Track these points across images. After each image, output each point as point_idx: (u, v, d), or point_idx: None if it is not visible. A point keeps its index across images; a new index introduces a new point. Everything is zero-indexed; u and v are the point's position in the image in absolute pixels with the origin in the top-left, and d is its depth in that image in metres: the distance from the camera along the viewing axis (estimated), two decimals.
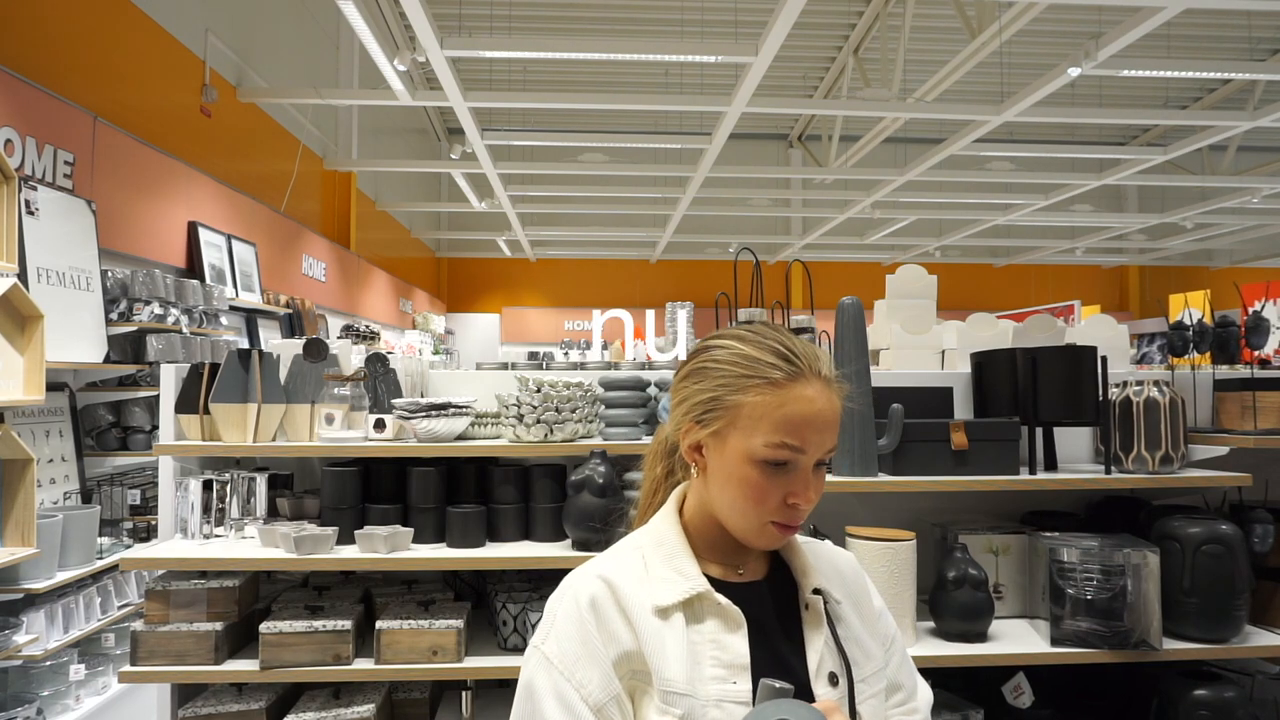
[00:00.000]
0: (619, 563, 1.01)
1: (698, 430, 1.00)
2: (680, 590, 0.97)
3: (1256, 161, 11.15)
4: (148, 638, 2.02)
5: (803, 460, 0.94)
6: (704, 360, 1.01)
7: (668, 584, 0.97)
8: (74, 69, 4.20)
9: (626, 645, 0.94)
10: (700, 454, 1.01)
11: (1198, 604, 2.01)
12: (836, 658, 1.00)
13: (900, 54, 7.84)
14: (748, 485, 0.95)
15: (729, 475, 0.96)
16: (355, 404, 2.32)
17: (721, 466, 0.97)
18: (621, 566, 1.00)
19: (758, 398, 0.94)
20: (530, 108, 11.01)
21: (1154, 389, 2.23)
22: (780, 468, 0.94)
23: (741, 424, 0.95)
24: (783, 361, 0.96)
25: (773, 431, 0.93)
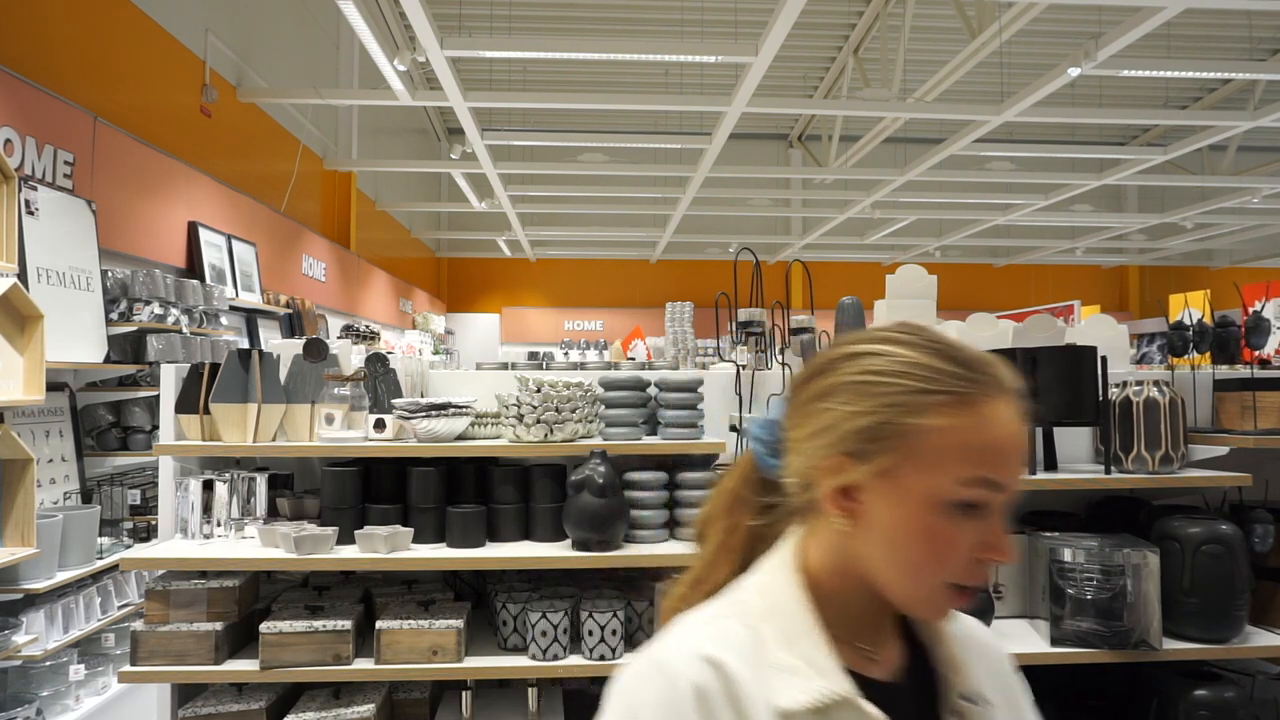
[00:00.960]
0: (726, 640, 0.75)
1: (855, 467, 0.75)
2: (813, 691, 0.72)
3: (1256, 161, 11.14)
4: (148, 638, 2.02)
5: (1000, 501, 0.74)
6: (860, 372, 0.77)
7: (793, 678, 0.73)
8: (74, 69, 4.20)
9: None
10: (853, 499, 0.76)
11: (1198, 604, 2.01)
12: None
13: (900, 54, 7.84)
14: (932, 537, 0.73)
15: (904, 525, 0.73)
16: (355, 404, 2.32)
17: (892, 514, 0.74)
18: (731, 645, 0.74)
19: (945, 421, 0.73)
20: (530, 108, 11.01)
21: (1154, 389, 2.23)
22: (972, 511, 0.73)
23: (926, 456, 0.73)
24: (969, 370, 0.75)
25: (970, 465, 0.72)
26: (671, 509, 2.25)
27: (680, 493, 2.24)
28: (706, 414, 2.37)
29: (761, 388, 2.52)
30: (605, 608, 2.10)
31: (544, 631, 2.06)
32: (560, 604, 2.14)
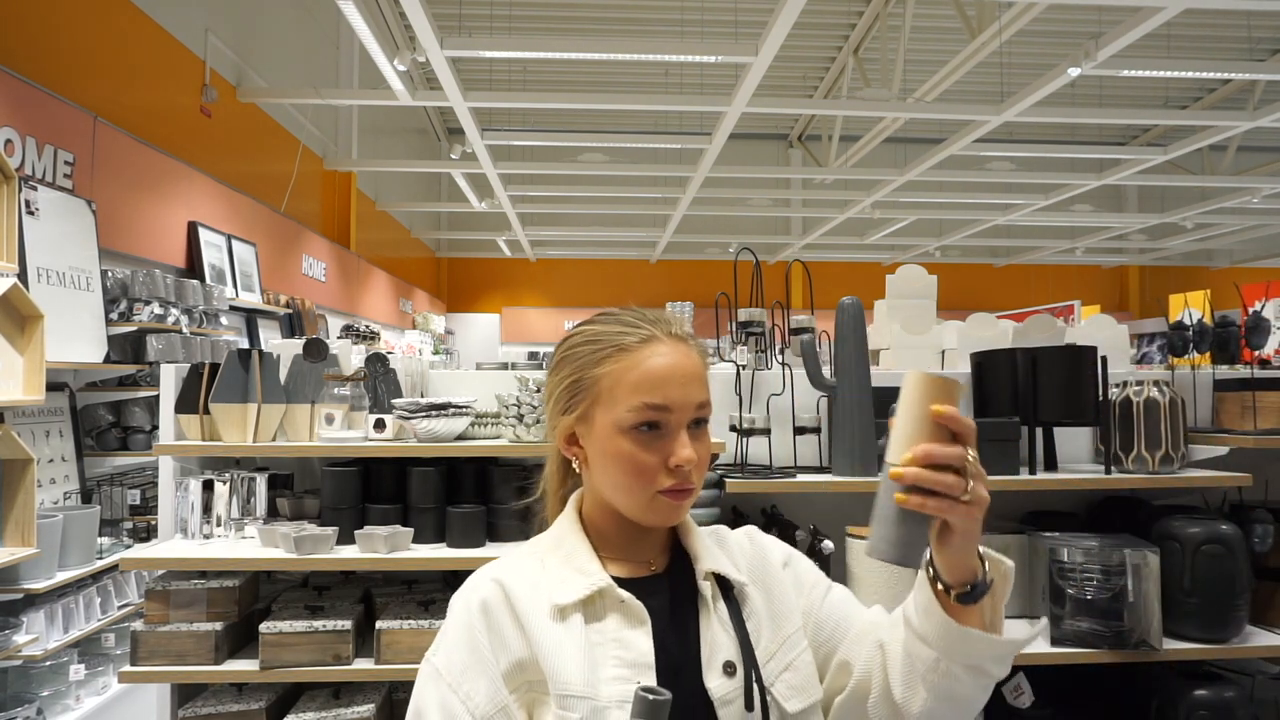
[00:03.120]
0: (513, 567, 0.96)
1: (566, 420, 0.98)
2: (580, 588, 0.92)
3: (1256, 161, 11.15)
4: (148, 638, 2.02)
5: (672, 419, 0.92)
6: (563, 351, 1.00)
7: (566, 583, 0.93)
8: (74, 69, 4.20)
9: (518, 653, 0.89)
10: (577, 445, 0.99)
11: (1198, 604, 2.01)
12: (735, 643, 0.94)
13: (900, 54, 7.84)
14: (624, 459, 0.91)
15: (605, 455, 0.93)
16: (355, 404, 2.32)
17: (597, 449, 0.95)
18: (517, 569, 0.95)
19: (613, 366, 0.93)
20: (530, 108, 11.01)
21: (1154, 389, 2.23)
22: (652, 431, 0.91)
23: (603, 398, 0.94)
24: (631, 328, 0.96)
25: (633, 394, 0.91)
26: None
27: None
28: None
29: (761, 388, 2.52)
30: None
31: None
32: None
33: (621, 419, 0.92)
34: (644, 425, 0.91)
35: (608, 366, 0.94)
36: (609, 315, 1.00)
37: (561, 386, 0.98)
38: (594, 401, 0.95)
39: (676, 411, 0.92)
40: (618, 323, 0.97)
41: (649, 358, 0.93)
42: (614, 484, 0.94)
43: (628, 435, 0.92)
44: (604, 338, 0.96)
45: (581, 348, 0.97)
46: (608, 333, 0.96)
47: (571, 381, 0.97)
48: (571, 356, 0.98)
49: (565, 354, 0.99)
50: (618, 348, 0.94)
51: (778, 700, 0.93)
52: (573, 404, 0.97)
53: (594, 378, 0.95)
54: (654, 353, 0.94)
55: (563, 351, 1.00)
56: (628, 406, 0.91)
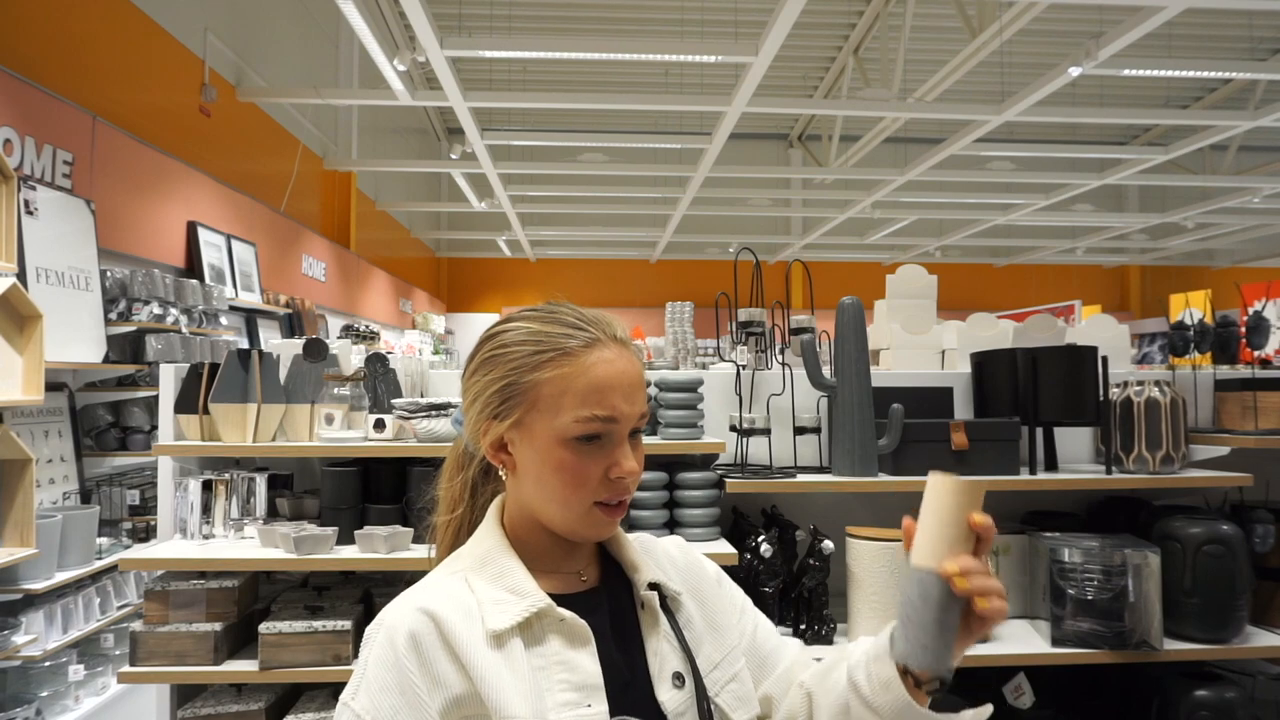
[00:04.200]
0: (439, 591, 0.87)
1: (497, 425, 0.90)
2: (516, 611, 0.85)
3: (1257, 161, 11.14)
4: (147, 638, 2.02)
5: (616, 429, 0.87)
6: (492, 348, 0.92)
7: (501, 606, 0.85)
8: (73, 69, 4.20)
9: (456, 689, 0.81)
10: (506, 452, 0.91)
11: (1198, 604, 2.01)
12: (680, 654, 0.91)
13: (900, 54, 7.83)
14: (564, 470, 0.86)
15: (542, 465, 0.87)
16: (355, 404, 2.32)
17: (532, 458, 0.88)
18: (443, 595, 0.86)
19: (555, 372, 0.87)
20: (530, 108, 11.01)
21: (1155, 389, 2.22)
22: (594, 442, 0.86)
23: (543, 405, 0.87)
24: (575, 330, 0.89)
25: (579, 404, 0.85)
26: (671, 509, 2.25)
27: (680, 493, 2.24)
28: (706, 414, 2.36)
29: (761, 388, 2.52)
30: None
31: None
32: None
33: (565, 429, 0.86)
34: (588, 436, 0.86)
35: (549, 371, 0.87)
36: (544, 313, 0.92)
37: (492, 389, 0.90)
38: (531, 408, 0.88)
39: (621, 422, 0.87)
40: (556, 322, 0.90)
41: (595, 364, 0.87)
42: (548, 495, 0.88)
43: (569, 445, 0.86)
44: (544, 339, 0.88)
45: (515, 348, 0.89)
46: (548, 334, 0.89)
47: (505, 385, 0.89)
48: (503, 357, 0.90)
49: (494, 353, 0.91)
50: (560, 351, 0.87)
51: (724, 711, 0.91)
52: (505, 409, 0.89)
53: (532, 383, 0.87)
54: (599, 359, 0.88)
55: (491, 350, 0.92)
56: (574, 416, 0.85)
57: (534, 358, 0.88)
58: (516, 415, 0.89)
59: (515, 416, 0.89)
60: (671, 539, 1.07)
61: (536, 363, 0.88)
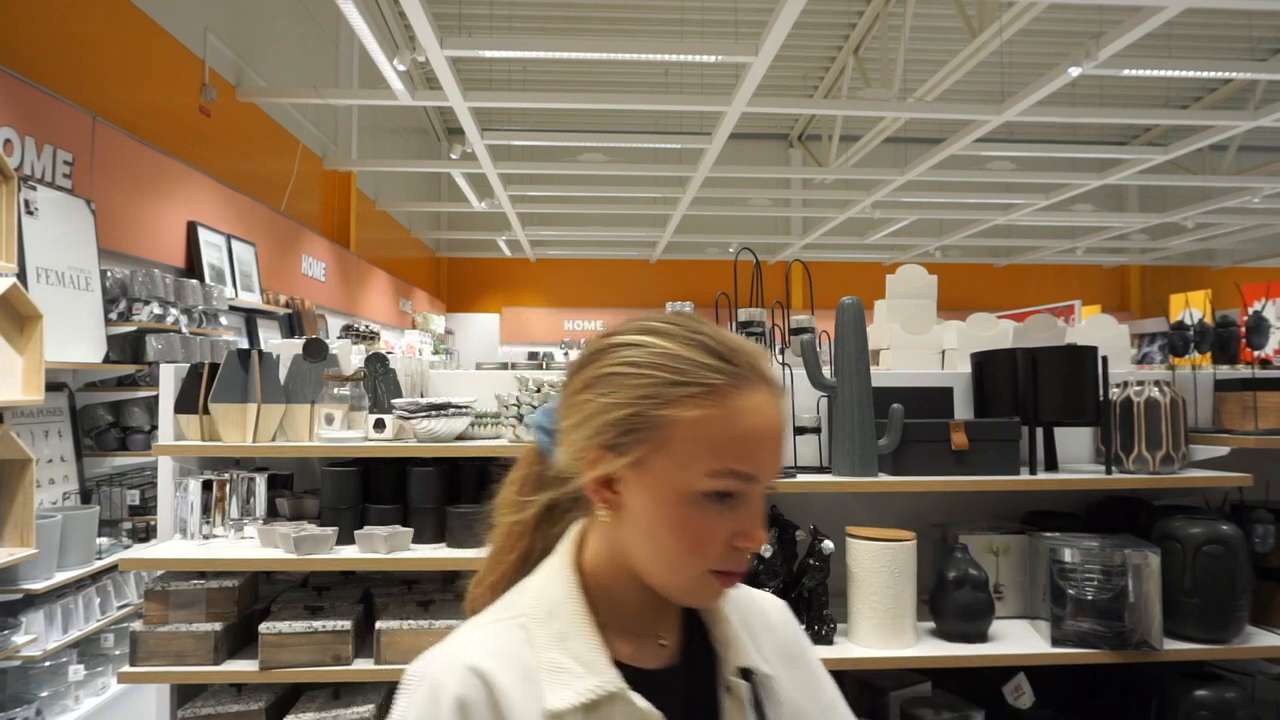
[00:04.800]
0: (496, 646, 0.74)
1: (611, 460, 0.74)
2: (581, 689, 0.72)
3: (1257, 161, 11.14)
4: (147, 638, 2.02)
5: (753, 490, 0.73)
6: (616, 364, 0.75)
7: (562, 678, 0.72)
8: (74, 69, 4.20)
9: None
10: (612, 490, 0.76)
11: (1198, 604, 2.01)
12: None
13: (900, 54, 7.83)
14: (686, 528, 0.72)
15: (657, 517, 0.73)
16: (355, 404, 2.32)
17: (645, 506, 0.73)
18: (500, 652, 0.74)
19: (696, 412, 0.71)
20: (530, 108, 11.01)
21: (1155, 389, 2.22)
22: (725, 501, 0.72)
23: (674, 448, 0.72)
24: (722, 362, 0.73)
25: (719, 456, 0.71)
26: None
27: None
28: None
29: None
30: None
31: None
32: None
33: (695, 482, 0.71)
34: (721, 494, 0.72)
35: (689, 410, 0.71)
36: (682, 330, 0.75)
37: (611, 415, 0.73)
38: (658, 449, 0.72)
39: (761, 481, 0.73)
40: (700, 348, 0.73)
41: (745, 412, 0.72)
42: (657, 553, 0.74)
43: (695, 502, 0.72)
44: (685, 368, 0.72)
45: (649, 372, 0.73)
46: (690, 361, 0.73)
47: (630, 415, 0.73)
48: (631, 379, 0.73)
49: (619, 371, 0.74)
50: (706, 388, 0.72)
51: None
52: (624, 444, 0.73)
53: (665, 420, 0.72)
54: (752, 405, 0.72)
55: (613, 364, 0.75)
56: (709, 469, 0.71)
57: (672, 389, 0.72)
58: (638, 454, 0.73)
59: (636, 455, 0.73)
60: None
61: (674, 396, 0.72)
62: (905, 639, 1.99)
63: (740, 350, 0.75)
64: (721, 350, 0.74)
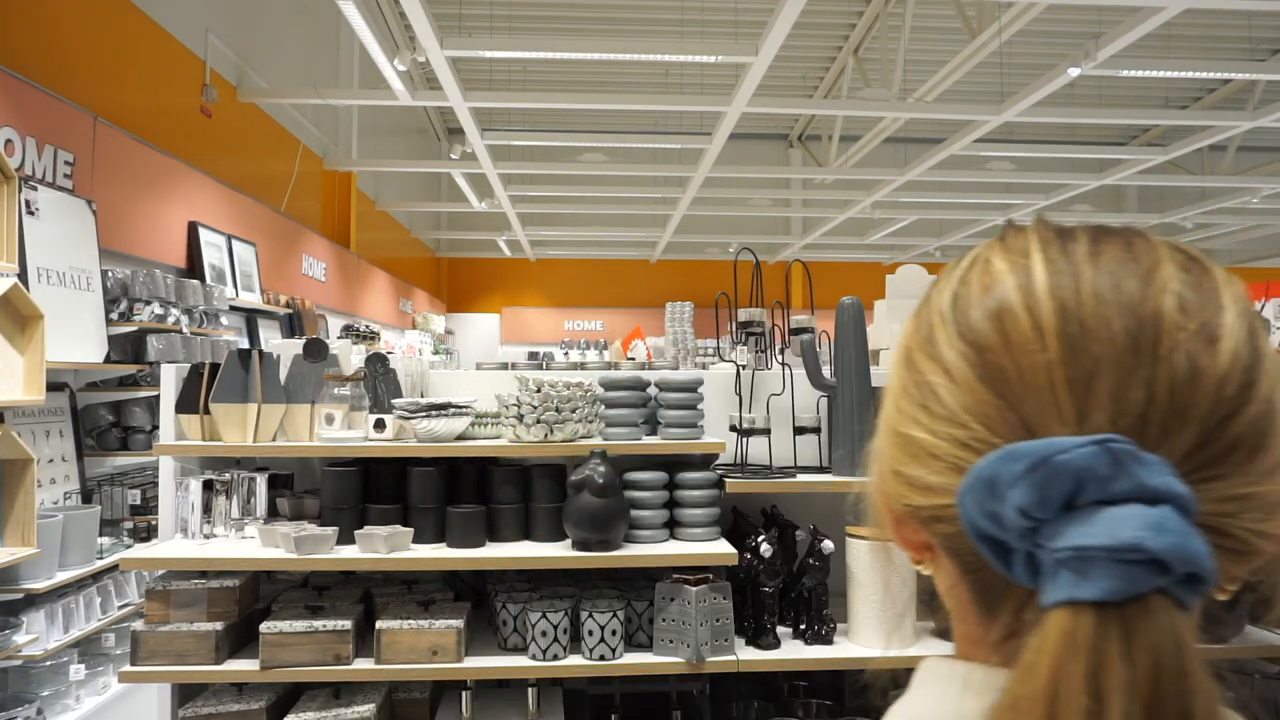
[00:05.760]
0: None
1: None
2: None
3: (1256, 161, 11.14)
4: (148, 638, 2.02)
5: None
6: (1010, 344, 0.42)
7: None
8: (74, 69, 4.20)
9: None
10: (928, 549, 0.50)
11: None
12: None
13: (900, 54, 7.84)
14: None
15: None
16: (355, 404, 2.33)
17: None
18: None
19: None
20: (530, 108, 11.01)
21: None
22: None
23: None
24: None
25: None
26: (671, 509, 2.25)
27: (680, 493, 2.24)
28: (706, 414, 2.37)
29: (761, 388, 2.52)
30: (605, 608, 2.10)
31: (544, 631, 2.06)
32: (560, 604, 2.14)
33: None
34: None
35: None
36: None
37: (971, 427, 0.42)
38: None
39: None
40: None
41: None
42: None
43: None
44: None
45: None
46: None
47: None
48: (1024, 370, 0.41)
49: (1019, 360, 0.41)
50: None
51: None
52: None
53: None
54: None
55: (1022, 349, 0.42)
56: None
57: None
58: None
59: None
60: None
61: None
62: (905, 638, 2.00)
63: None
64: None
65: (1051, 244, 0.44)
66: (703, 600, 2.03)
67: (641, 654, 2.12)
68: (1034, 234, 0.45)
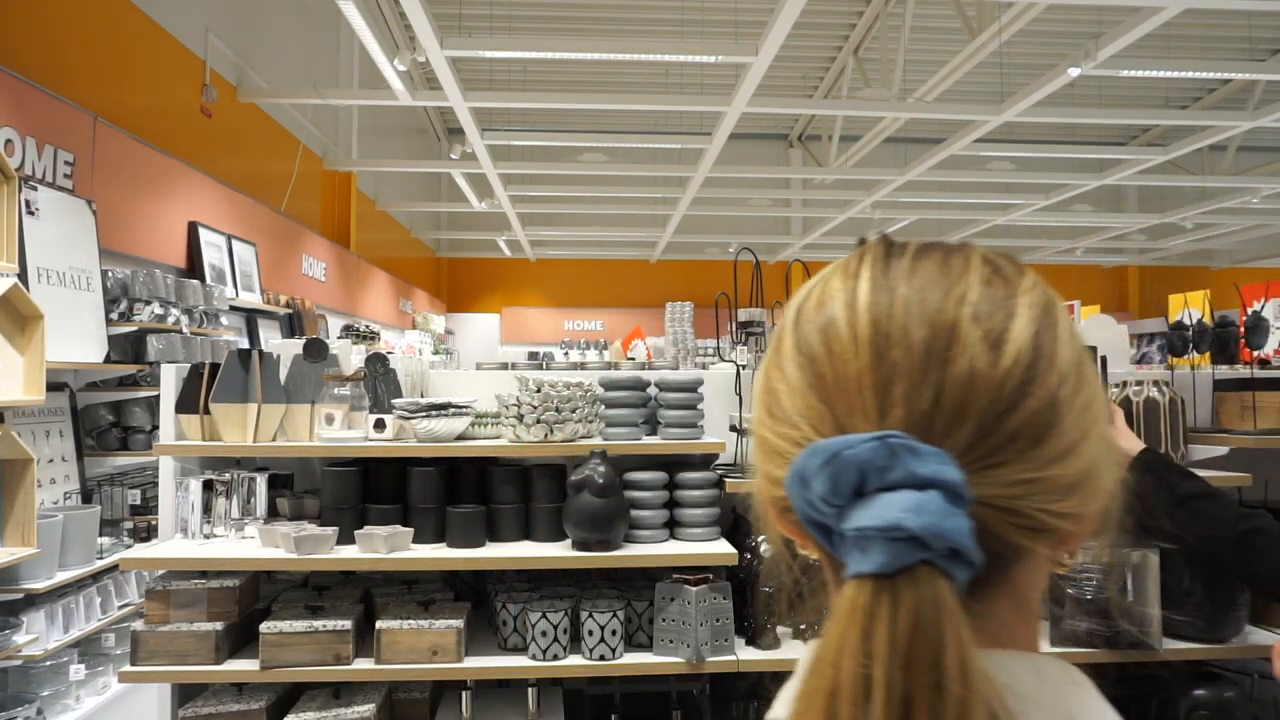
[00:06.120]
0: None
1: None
2: None
3: (1256, 161, 11.14)
4: (148, 638, 2.02)
5: None
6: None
7: None
8: (74, 69, 4.20)
9: None
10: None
11: (1197, 604, 2.01)
12: None
13: (900, 54, 7.84)
14: None
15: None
16: (355, 404, 2.33)
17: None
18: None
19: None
20: (530, 108, 11.01)
21: (1154, 389, 2.23)
22: None
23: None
24: None
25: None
26: (671, 509, 2.25)
27: (680, 493, 2.24)
28: (706, 414, 2.37)
29: None
30: (605, 608, 2.10)
31: (544, 631, 2.06)
32: (560, 604, 2.14)
33: None
34: None
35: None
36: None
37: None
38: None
39: None
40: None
41: None
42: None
43: None
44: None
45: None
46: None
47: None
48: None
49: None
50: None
51: None
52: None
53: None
54: None
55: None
56: None
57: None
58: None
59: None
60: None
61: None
62: None
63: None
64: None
65: (879, 262, 0.49)
66: (703, 600, 2.03)
67: (641, 654, 2.12)
68: (869, 253, 0.51)
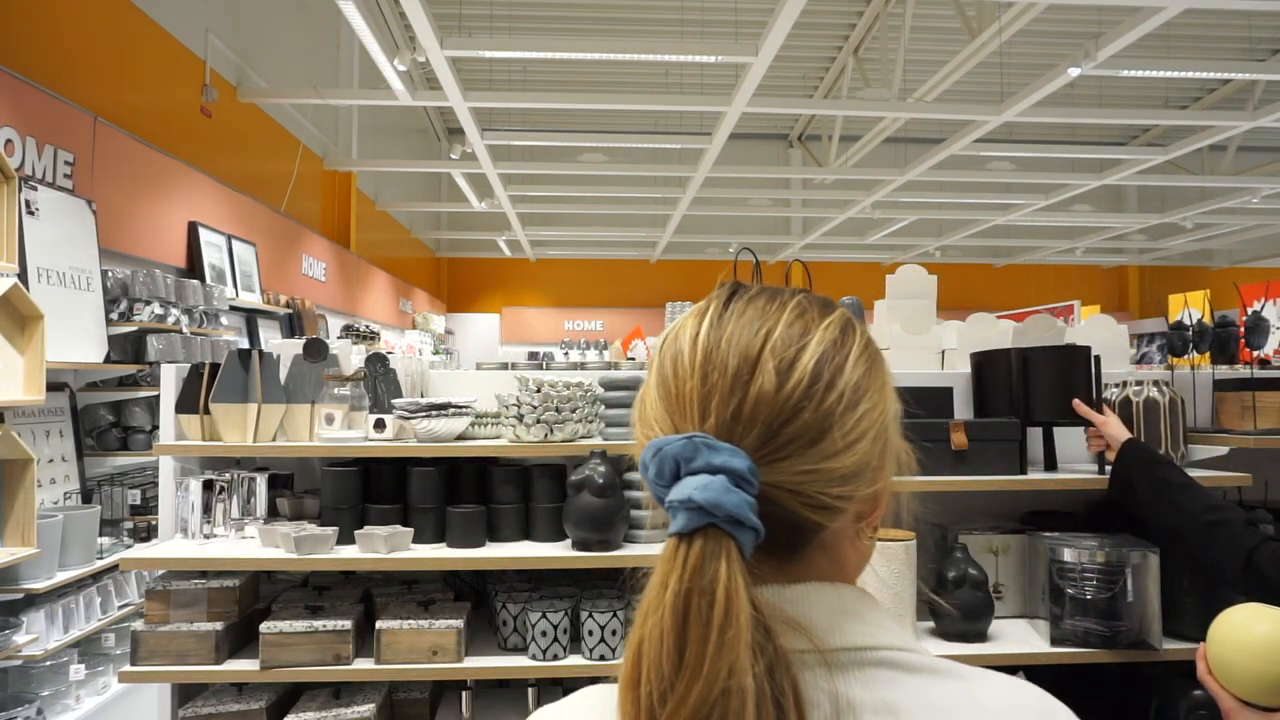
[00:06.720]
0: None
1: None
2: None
3: (1256, 161, 11.14)
4: (148, 638, 2.02)
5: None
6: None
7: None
8: (74, 69, 4.20)
9: None
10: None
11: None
12: None
13: (900, 54, 7.84)
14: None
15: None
16: (355, 404, 2.32)
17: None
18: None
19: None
20: (530, 108, 11.01)
21: (1154, 389, 2.23)
22: None
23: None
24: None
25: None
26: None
27: None
28: None
29: None
30: (605, 608, 2.10)
31: (544, 631, 2.06)
32: (560, 604, 2.14)
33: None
34: None
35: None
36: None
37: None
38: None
39: None
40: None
41: None
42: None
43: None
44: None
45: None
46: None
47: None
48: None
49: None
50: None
51: None
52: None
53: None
54: None
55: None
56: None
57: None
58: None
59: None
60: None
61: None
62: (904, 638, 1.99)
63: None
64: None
65: (719, 307, 0.64)
66: None
67: None
68: (715, 299, 0.65)
